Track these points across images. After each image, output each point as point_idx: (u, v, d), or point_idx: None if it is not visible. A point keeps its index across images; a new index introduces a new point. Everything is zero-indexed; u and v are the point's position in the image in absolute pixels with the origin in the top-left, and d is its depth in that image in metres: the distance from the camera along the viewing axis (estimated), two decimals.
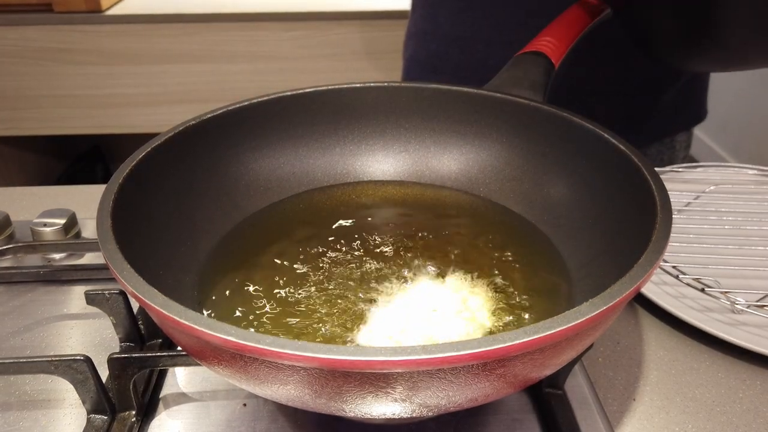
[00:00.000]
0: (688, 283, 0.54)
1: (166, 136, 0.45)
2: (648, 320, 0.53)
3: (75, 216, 0.62)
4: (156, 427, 0.42)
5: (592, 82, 0.73)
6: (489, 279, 0.44)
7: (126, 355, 0.41)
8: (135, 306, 0.48)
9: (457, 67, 0.68)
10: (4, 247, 0.56)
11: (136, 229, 0.39)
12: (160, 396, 0.44)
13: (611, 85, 0.74)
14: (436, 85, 0.55)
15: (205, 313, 0.40)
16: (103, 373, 0.42)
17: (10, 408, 0.44)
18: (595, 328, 0.31)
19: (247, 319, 0.40)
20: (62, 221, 0.60)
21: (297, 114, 0.54)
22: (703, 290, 0.53)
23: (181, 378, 0.46)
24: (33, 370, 0.41)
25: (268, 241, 0.48)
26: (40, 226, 0.59)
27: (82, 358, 0.40)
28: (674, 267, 0.56)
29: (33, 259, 0.60)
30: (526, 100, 0.52)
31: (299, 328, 0.39)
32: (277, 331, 0.39)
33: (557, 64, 0.57)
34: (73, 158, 2.10)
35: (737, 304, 0.51)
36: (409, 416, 0.31)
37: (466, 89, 0.54)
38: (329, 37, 1.65)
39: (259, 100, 0.52)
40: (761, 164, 0.72)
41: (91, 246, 0.58)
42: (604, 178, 0.46)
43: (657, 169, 0.41)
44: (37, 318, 0.53)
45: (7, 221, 0.61)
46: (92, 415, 0.42)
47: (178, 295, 0.41)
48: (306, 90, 0.54)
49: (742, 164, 0.72)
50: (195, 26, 1.64)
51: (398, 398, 0.29)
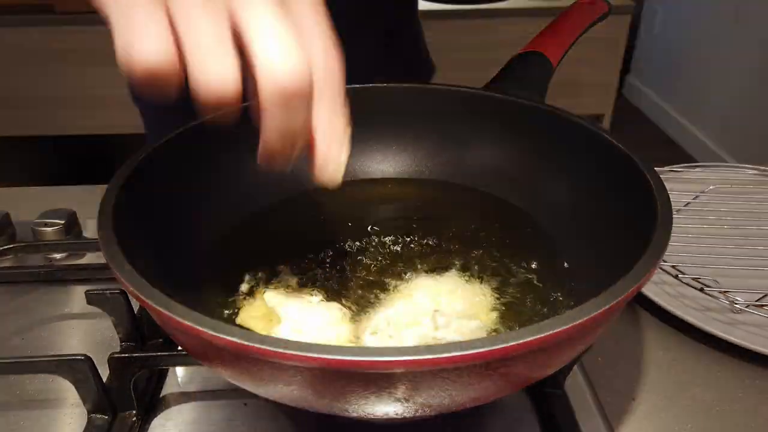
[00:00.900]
0: (687, 283, 0.54)
1: (167, 137, 0.45)
2: (647, 320, 0.53)
3: (76, 216, 0.62)
4: (157, 427, 0.42)
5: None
6: (489, 278, 0.44)
7: (127, 355, 0.41)
8: (135, 306, 0.48)
9: None
10: (5, 247, 0.56)
11: (137, 229, 0.39)
12: (161, 395, 0.44)
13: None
14: (435, 85, 0.55)
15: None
16: (104, 373, 0.42)
17: (11, 408, 0.44)
18: (596, 327, 0.32)
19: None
20: (63, 221, 0.60)
21: None
22: (703, 290, 0.53)
23: (181, 377, 0.46)
24: (34, 369, 0.41)
25: (269, 241, 0.48)
26: (41, 225, 0.59)
27: (83, 358, 0.40)
28: (673, 267, 0.56)
29: (34, 259, 0.60)
30: (525, 100, 0.52)
31: None
32: None
33: (556, 64, 0.57)
34: (74, 158, 2.11)
35: (736, 304, 0.52)
36: (411, 416, 0.31)
37: (466, 89, 0.54)
38: None
39: None
40: (761, 164, 0.71)
41: (92, 246, 0.58)
42: (604, 178, 0.46)
43: (656, 169, 0.41)
44: (38, 318, 0.53)
45: (7, 221, 0.61)
46: (93, 415, 0.42)
47: (179, 295, 0.41)
48: None
49: (741, 164, 0.72)
50: None
51: (401, 398, 0.29)
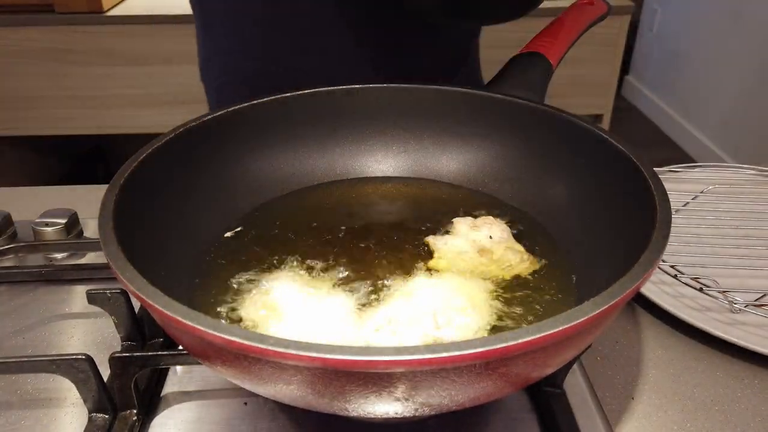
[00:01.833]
0: (686, 283, 0.54)
1: (167, 137, 0.45)
2: (646, 319, 0.54)
3: (77, 216, 0.62)
4: (157, 426, 0.42)
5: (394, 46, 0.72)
6: (489, 277, 0.44)
7: (127, 354, 0.41)
8: (136, 305, 0.48)
9: (278, 82, 0.62)
10: (6, 247, 0.56)
11: (137, 228, 0.39)
12: (162, 395, 0.44)
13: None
14: (435, 86, 0.55)
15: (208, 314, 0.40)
16: (105, 372, 0.42)
17: (12, 407, 0.44)
18: (596, 327, 0.32)
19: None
20: (64, 221, 0.60)
21: (297, 115, 0.54)
22: (702, 290, 0.53)
23: (182, 377, 0.46)
24: (35, 369, 0.41)
25: (269, 240, 0.48)
26: (42, 225, 0.59)
27: (84, 357, 0.40)
28: (672, 267, 0.56)
29: (35, 259, 0.60)
30: (525, 101, 0.52)
31: None
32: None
33: (555, 65, 0.58)
34: (75, 158, 2.10)
35: (735, 304, 0.52)
36: (411, 415, 0.31)
37: (466, 90, 0.54)
38: None
39: (260, 100, 0.52)
40: (760, 164, 0.72)
41: (93, 246, 0.58)
42: (604, 178, 0.46)
43: (656, 169, 0.41)
44: (39, 317, 0.53)
45: (8, 221, 0.61)
46: (94, 414, 0.42)
47: (179, 295, 0.41)
48: (306, 91, 0.54)
49: (740, 164, 0.72)
50: None
51: (401, 397, 0.29)
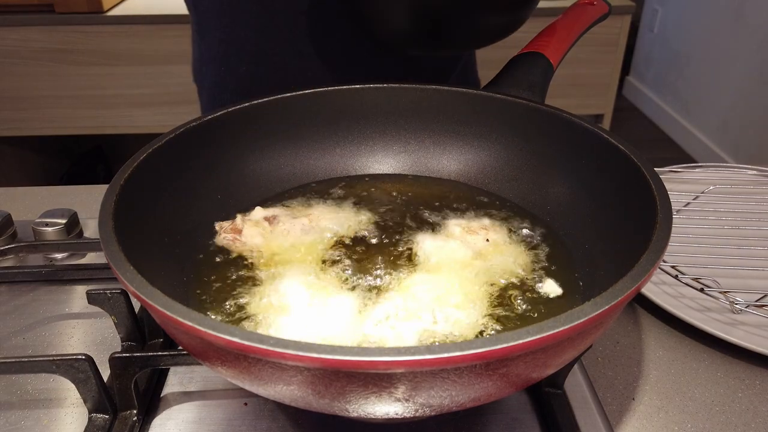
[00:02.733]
0: (687, 283, 0.54)
1: (167, 137, 0.45)
2: (647, 320, 0.54)
3: (77, 216, 0.62)
4: (157, 426, 0.42)
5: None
6: (489, 276, 0.44)
7: (127, 355, 0.41)
8: (136, 305, 0.48)
9: (272, 84, 0.62)
10: (6, 247, 0.56)
11: (137, 229, 0.39)
12: (162, 395, 0.44)
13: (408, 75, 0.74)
14: (435, 86, 0.55)
15: (208, 313, 0.40)
16: (105, 373, 0.42)
17: (12, 407, 0.44)
18: (596, 327, 0.32)
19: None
20: (64, 221, 0.60)
21: (297, 115, 0.54)
22: (702, 290, 0.53)
23: (182, 377, 0.46)
24: (35, 369, 0.41)
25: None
26: (42, 225, 0.59)
27: (84, 358, 0.40)
28: (673, 267, 0.56)
29: (35, 259, 0.60)
30: (525, 101, 0.52)
31: None
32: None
33: (556, 65, 0.58)
34: (75, 158, 2.11)
35: (736, 304, 0.52)
36: (411, 416, 0.31)
37: (466, 90, 0.54)
38: None
39: (260, 101, 0.52)
40: (760, 164, 0.72)
41: (93, 246, 0.58)
42: (604, 179, 0.46)
43: (656, 170, 0.41)
44: (39, 317, 0.53)
45: (9, 221, 0.61)
46: (94, 414, 0.42)
47: (179, 295, 0.41)
48: (306, 91, 0.54)
49: (741, 165, 0.72)
50: None
51: (401, 398, 0.29)
